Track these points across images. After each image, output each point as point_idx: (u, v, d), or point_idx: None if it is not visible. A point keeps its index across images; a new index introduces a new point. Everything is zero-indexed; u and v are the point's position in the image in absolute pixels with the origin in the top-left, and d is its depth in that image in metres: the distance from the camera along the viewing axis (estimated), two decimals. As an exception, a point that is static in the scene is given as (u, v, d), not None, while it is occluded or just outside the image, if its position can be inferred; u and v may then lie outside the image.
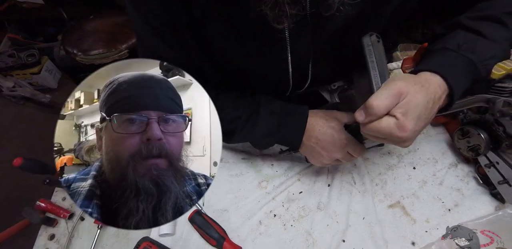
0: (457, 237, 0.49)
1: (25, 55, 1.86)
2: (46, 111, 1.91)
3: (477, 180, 0.58)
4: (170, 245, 0.52)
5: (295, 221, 0.55)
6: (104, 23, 1.51)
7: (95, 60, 1.41)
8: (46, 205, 0.55)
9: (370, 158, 0.62)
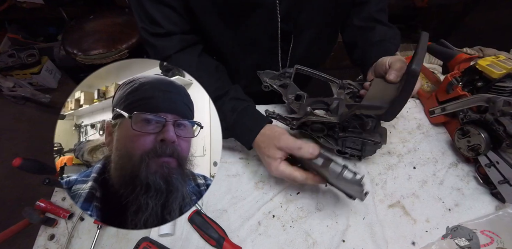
0: (457, 237, 0.49)
1: (25, 55, 1.85)
2: (46, 111, 1.91)
3: (477, 180, 0.58)
4: (170, 245, 0.51)
5: (294, 222, 0.54)
6: (104, 23, 1.51)
7: (95, 60, 1.41)
8: (45, 205, 0.55)
9: (370, 158, 0.62)
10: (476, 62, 0.60)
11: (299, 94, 0.60)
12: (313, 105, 0.59)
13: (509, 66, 0.55)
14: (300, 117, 0.56)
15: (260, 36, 0.60)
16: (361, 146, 0.57)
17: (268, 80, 0.62)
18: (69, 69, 1.79)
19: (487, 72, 0.56)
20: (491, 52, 0.79)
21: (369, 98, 0.46)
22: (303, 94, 0.60)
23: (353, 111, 0.46)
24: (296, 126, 0.57)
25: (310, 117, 0.53)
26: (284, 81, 0.63)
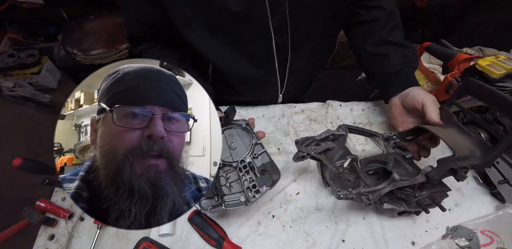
0: (457, 237, 0.49)
1: (25, 55, 1.86)
2: (46, 111, 1.91)
3: (477, 180, 0.58)
4: (170, 245, 0.51)
5: (294, 222, 0.54)
6: (104, 23, 1.51)
7: (95, 60, 1.41)
8: (45, 205, 0.55)
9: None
10: (476, 62, 0.60)
11: (352, 158, 0.45)
12: (368, 167, 0.50)
13: (509, 66, 0.55)
14: (379, 189, 0.43)
15: (255, 50, 0.57)
16: (432, 199, 0.47)
17: (303, 149, 0.46)
18: (69, 69, 1.79)
19: (487, 72, 0.56)
20: (491, 52, 0.79)
21: (456, 149, 0.44)
22: (355, 157, 0.45)
23: (449, 166, 0.42)
24: (375, 200, 0.44)
25: (395, 185, 0.43)
26: (325, 145, 0.47)
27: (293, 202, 0.57)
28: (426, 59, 0.88)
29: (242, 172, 0.48)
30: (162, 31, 0.60)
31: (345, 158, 0.45)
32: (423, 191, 0.46)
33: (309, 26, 0.54)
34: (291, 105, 0.74)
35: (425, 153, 0.53)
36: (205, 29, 0.52)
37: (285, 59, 0.60)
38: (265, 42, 0.54)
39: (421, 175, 0.43)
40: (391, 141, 0.52)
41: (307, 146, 0.46)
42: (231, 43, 0.55)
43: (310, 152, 0.46)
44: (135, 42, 0.64)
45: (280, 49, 0.57)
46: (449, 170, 0.42)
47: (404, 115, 0.58)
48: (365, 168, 0.48)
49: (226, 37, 0.53)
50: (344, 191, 0.43)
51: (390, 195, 0.47)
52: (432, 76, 0.77)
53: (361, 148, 0.65)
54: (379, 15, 0.61)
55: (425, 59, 0.88)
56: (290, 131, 0.68)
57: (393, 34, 0.61)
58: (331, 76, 1.93)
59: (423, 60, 0.86)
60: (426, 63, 0.86)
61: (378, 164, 0.50)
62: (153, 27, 0.59)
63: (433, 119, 0.49)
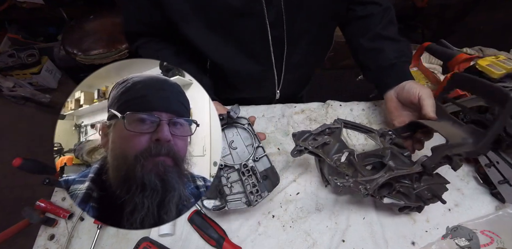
0: (457, 237, 0.49)
1: (25, 55, 1.85)
2: (46, 111, 1.91)
3: (477, 180, 0.58)
4: (170, 245, 0.51)
5: (294, 222, 0.54)
6: (104, 23, 1.51)
7: (95, 60, 1.41)
8: (45, 205, 0.55)
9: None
10: (476, 62, 0.60)
11: (349, 151, 0.46)
12: (365, 161, 0.51)
13: (509, 66, 0.55)
14: (377, 178, 0.44)
15: (251, 44, 0.58)
16: (431, 192, 0.48)
17: (301, 143, 0.46)
18: (69, 69, 1.79)
19: (487, 72, 0.56)
20: (491, 52, 0.79)
21: (449, 137, 0.45)
22: (352, 150, 0.46)
23: (443, 153, 0.43)
24: (372, 190, 0.45)
25: (391, 174, 0.44)
26: (322, 140, 0.47)
27: (293, 202, 0.57)
28: (426, 59, 0.88)
29: (245, 176, 0.50)
30: (162, 31, 0.61)
31: (342, 151, 0.47)
32: (421, 183, 0.47)
33: (305, 20, 0.56)
34: (291, 105, 0.74)
35: (419, 146, 0.54)
36: (203, 24, 0.54)
37: (281, 53, 0.61)
38: (261, 36, 0.56)
39: (417, 164, 0.44)
40: (387, 137, 0.53)
41: (304, 141, 0.47)
42: (228, 38, 0.56)
43: (308, 146, 0.46)
44: (132, 38, 0.65)
45: (277, 44, 0.58)
46: (444, 158, 0.43)
47: (399, 109, 0.59)
48: (363, 162, 0.50)
49: (223, 32, 0.55)
50: (341, 179, 0.45)
51: (389, 188, 0.47)
52: (432, 76, 0.77)
53: (361, 148, 0.65)
54: (374, 10, 0.62)
55: (425, 59, 0.88)
56: (290, 131, 0.68)
57: (388, 29, 0.62)
58: (331, 76, 1.93)
59: (423, 60, 0.86)
60: (426, 63, 0.86)
61: (375, 159, 0.51)
62: (153, 27, 0.61)
63: (429, 113, 0.50)
